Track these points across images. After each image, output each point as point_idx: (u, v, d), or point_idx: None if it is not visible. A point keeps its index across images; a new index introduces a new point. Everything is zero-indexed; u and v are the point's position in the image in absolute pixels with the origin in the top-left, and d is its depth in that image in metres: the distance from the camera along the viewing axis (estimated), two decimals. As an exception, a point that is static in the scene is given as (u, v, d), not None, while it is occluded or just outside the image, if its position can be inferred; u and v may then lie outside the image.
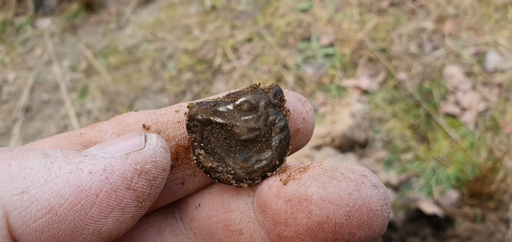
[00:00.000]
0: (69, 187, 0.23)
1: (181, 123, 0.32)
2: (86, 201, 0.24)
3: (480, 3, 2.44)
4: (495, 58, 2.17)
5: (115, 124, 0.32)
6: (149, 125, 0.32)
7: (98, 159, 0.25)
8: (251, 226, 0.31)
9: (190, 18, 2.54)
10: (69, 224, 0.23)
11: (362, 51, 2.25)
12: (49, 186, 0.23)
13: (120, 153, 0.26)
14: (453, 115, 1.98)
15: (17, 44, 2.50)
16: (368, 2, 2.51)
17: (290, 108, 0.32)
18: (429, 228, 1.73)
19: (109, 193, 0.25)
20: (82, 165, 0.24)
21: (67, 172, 0.24)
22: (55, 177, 0.23)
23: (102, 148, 0.27)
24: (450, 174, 1.81)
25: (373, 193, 0.27)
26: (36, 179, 0.23)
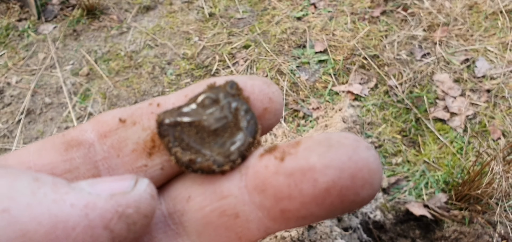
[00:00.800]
0: (49, 215, 0.24)
1: (154, 113, 0.34)
2: (61, 232, 0.24)
3: (470, 11, 2.50)
4: (484, 65, 2.23)
5: (94, 123, 0.33)
6: (125, 118, 0.33)
7: (83, 194, 0.25)
8: (246, 209, 0.31)
9: (190, 25, 2.61)
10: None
11: (354, 58, 2.32)
12: (30, 210, 0.23)
13: (107, 192, 0.26)
14: (442, 120, 2.04)
15: (20, 48, 2.57)
16: (361, 10, 2.58)
17: (256, 90, 0.34)
18: (418, 230, 1.77)
19: (85, 229, 0.25)
20: (66, 197, 0.24)
21: (50, 200, 0.24)
22: (38, 203, 0.23)
23: (92, 184, 0.27)
24: (439, 177, 1.86)
25: (369, 154, 0.28)
26: (19, 201, 0.23)
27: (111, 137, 0.33)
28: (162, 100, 0.34)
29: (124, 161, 0.34)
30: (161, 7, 2.76)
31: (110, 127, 0.33)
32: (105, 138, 0.33)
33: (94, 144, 0.33)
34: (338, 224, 1.70)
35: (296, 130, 2.04)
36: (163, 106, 0.34)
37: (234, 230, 0.32)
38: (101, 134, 0.33)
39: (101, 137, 0.33)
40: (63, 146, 0.32)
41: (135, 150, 0.33)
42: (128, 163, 0.34)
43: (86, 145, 0.33)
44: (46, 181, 0.25)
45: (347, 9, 2.59)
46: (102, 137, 0.33)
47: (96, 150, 0.33)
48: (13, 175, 0.24)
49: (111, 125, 0.33)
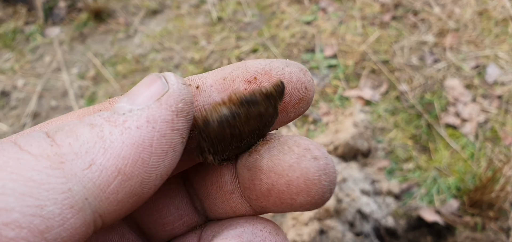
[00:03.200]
0: (126, 147, 0.26)
1: (195, 95, 0.35)
2: (144, 153, 0.26)
3: (480, 18, 2.50)
4: (495, 71, 2.22)
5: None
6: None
7: (137, 113, 0.27)
8: (240, 188, 0.35)
9: (197, 29, 2.60)
10: (136, 178, 0.26)
11: (365, 62, 2.31)
12: (109, 153, 0.25)
13: (151, 101, 0.28)
14: (453, 126, 2.02)
15: (26, 51, 2.56)
16: (371, 15, 2.57)
17: (294, 79, 0.35)
18: (430, 236, 1.75)
19: (160, 139, 0.27)
20: (127, 124, 0.27)
21: (118, 135, 0.26)
22: (111, 142, 0.26)
23: (132, 101, 0.28)
24: (450, 183, 1.84)
25: (311, 165, 0.30)
26: (96, 150, 0.25)
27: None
28: (200, 81, 0.35)
29: None
30: (169, 10, 2.75)
31: None
32: None
33: None
34: (350, 229, 1.68)
35: (306, 135, 2.02)
36: (202, 87, 0.35)
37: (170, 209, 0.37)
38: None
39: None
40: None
41: None
42: None
43: None
44: (100, 122, 0.27)
45: (357, 14, 2.58)
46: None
47: None
48: (73, 133, 0.26)
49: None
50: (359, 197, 1.73)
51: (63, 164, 0.24)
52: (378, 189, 1.84)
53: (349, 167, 1.85)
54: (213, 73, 0.35)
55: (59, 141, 0.25)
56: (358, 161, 1.92)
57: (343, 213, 1.69)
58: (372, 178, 1.87)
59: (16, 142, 0.25)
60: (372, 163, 1.92)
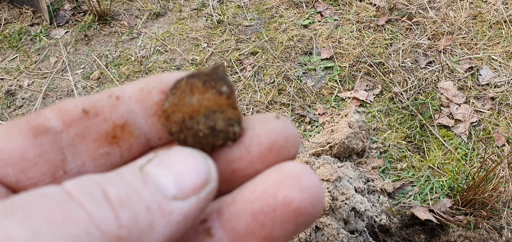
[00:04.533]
0: (162, 239, 0.27)
1: (115, 106, 0.36)
2: (163, 234, 0.27)
3: (474, 21, 2.54)
4: (488, 73, 2.26)
5: (56, 111, 0.35)
6: (88, 109, 0.36)
7: (181, 207, 0.28)
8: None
9: (198, 32, 2.67)
10: None
11: (360, 65, 2.36)
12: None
13: (192, 193, 0.29)
14: (447, 127, 2.06)
15: (32, 52, 2.62)
16: (367, 18, 2.63)
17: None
18: (423, 234, 1.79)
19: (180, 233, 0.28)
20: (172, 218, 0.27)
21: (162, 227, 0.27)
22: (156, 234, 0.26)
23: (179, 185, 0.28)
24: (444, 183, 1.88)
25: (293, 126, 0.36)
26: (145, 240, 0.26)
27: (75, 125, 0.36)
28: (120, 93, 0.37)
29: (87, 148, 0.37)
30: (171, 14, 2.82)
31: (74, 116, 0.36)
32: (70, 126, 0.36)
33: (60, 132, 0.36)
34: (344, 227, 1.73)
35: (303, 135, 2.07)
36: (121, 98, 0.36)
37: None
38: (65, 122, 0.36)
39: (66, 125, 0.36)
40: (31, 132, 0.34)
41: (98, 139, 0.37)
42: (92, 149, 0.37)
43: (53, 132, 0.35)
44: (154, 207, 0.27)
45: (353, 17, 2.64)
46: (67, 125, 0.36)
47: (62, 137, 0.36)
48: (133, 213, 0.26)
49: (74, 114, 0.36)
50: (354, 195, 1.78)
51: (117, 239, 0.24)
52: (372, 187, 1.88)
53: (344, 166, 1.90)
54: (132, 85, 0.37)
55: (125, 222, 0.25)
56: (353, 160, 1.97)
57: (338, 210, 1.73)
58: (367, 176, 1.92)
59: (80, 201, 0.25)
60: (367, 162, 1.96)
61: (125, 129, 0.37)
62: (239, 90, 2.29)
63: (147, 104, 0.37)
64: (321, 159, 1.89)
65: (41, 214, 0.24)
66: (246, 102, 2.21)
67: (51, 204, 0.24)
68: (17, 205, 0.24)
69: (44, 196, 0.25)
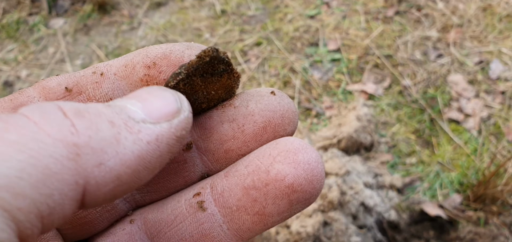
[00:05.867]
0: (133, 158, 0.26)
1: (99, 83, 0.35)
2: (142, 167, 0.27)
3: (484, 13, 2.49)
4: (498, 67, 2.22)
5: (39, 89, 0.35)
6: (71, 87, 0.35)
7: (151, 128, 0.28)
8: (192, 155, 0.37)
9: (201, 22, 2.61)
10: (127, 186, 0.27)
11: (368, 57, 2.31)
12: (119, 158, 0.25)
13: (164, 119, 0.29)
14: (456, 121, 2.02)
15: (30, 42, 2.56)
16: (375, 10, 2.57)
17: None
18: (432, 231, 1.76)
19: (158, 158, 0.28)
20: (141, 135, 0.27)
21: (131, 143, 0.26)
22: (123, 148, 0.26)
23: (148, 111, 0.28)
24: (453, 178, 1.84)
25: (289, 101, 0.36)
26: (109, 151, 0.25)
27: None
28: (105, 68, 0.36)
29: None
30: (173, 3, 2.75)
31: (56, 94, 0.35)
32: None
33: None
34: (353, 222, 1.69)
35: (309, 129, 2.02)
36: (106, 75, 0.35)
37: (181, 174, 0.37)
38: (48, 101, 0.34)
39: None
40: (14, 111, 0.33)
41: None
42: None
43: None
44: (119, 122, 0.26)
45: (361, 8, 2.58)
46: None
47: None
48: (95, 124, 0.25)
49: (57, 92, 0.35)
50: (363, 190, 1.74)
51: (78, 157, 0.24)
52: (381, 182, 1.84)
53: (352, 160, 1.86)
54: (117, 60, 0.36)
55: (80, 129, 0.25)
56: (361, 155, 1.92)
57: (347, 205, 1.70)
58: (375, 171, 1.88)
59: (27, 115, 0.24)
60: (375, 157, 1.92)
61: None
62: (243, 82, 2.23)
63: (132, 81, 0.35)
64: (329, 153, 1.84)
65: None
66: (251, 95, 2.16)
67: (2, 123, 0.23)
68: None
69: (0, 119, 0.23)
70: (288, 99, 0.36)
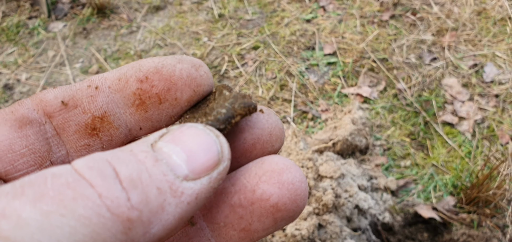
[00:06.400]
0: (174, 221, 0.27)
1: (94, 96, 0.36)
2: (179, 225, 0.27)
3: (479, 17, 2.52)
4: (492, 71, 2.24)
5: (37, 101, 0.36)
6: (67, 101, 0.36)
7: (192, 188, 0.27)
8: None
9: (199, 26, 2.63)
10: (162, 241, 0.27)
11: (363, 60, 2.33)
12: (162, 225, 0.26)
13: (204, 174, 0.28)
14: (451, 124, 2.04)
15: (30, 46, 2.58)
16: (370, 14, 2.59)
17: (184, 76, 0.37)
18: (426, 233, 1.78)
19: (192, 213, 0.28)
20: (183, 198, 0.27)
21: (173, 207, 0.26)
22: (166, 215, 0.26)
23: (191, 166, 0.28)
24: (447, 181, 1.86)
25: (277, 119, 0.37)
26: (155, 220, 0.26)
27: (55, 117, 0.36)
28: (99, 82, 0.36)
29: (69, 139, 0.37)
30: (171, 7, 2.78)
31: (53, 108, 0.36)
32: (51, 118, 0.36)
33: (43, 123, 0.36)
34: (347, 225, 1.71)
35: (305, 132, 2.04)
36: (101, 88, 0.36)
37: None
38: (46, 114, 0.36)
39: (48, 117, 0.36)
40: (16, 123, 0.34)
41: (78, 131, 0.36)
42: (73, 141, 0.37)
43: (37, 123, 0.35)
44: (165, 187, 0.26)
45: (356, 12, 2.61)
46: (48, 116, 0.36)
47: (46, 128, 0.36)
48: (144, 194, 0.26)
49: (54, 106, 0.36)
50: (357, 193, 1.76)
51: (130, 230, 0.24)
52: (376, 185, 1.86)
53: (347, 163, 1.88)
54: (111, 73, 0.37)
55: (134, 203, 0.25)
56: (356, 158, 1.95)
57: (341, 208, 1.72)
58: (370, 174, 1.90)
59: (90, 181, 0.24)
60: (370, 160, 1.94)
61: (104, 120, 0.36)
62: (240, 85, 2.26)
63: (125, 94, 0.36)
64: (324, 156, 1.86)
65: (51, 194, 0.23)
66: (247, 98, 2.18)
67: (61, 183, 0.23)
68: (26, 185, 0.23)
69: (53, 176, 0.24)
70: (276, 117, 0.37)
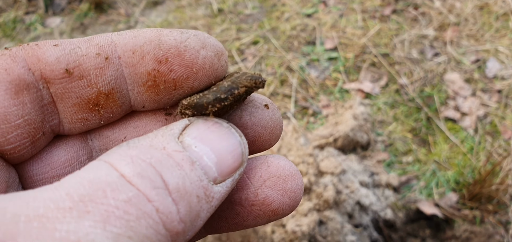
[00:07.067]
0: (202, 224, 0.28)
1: (103, 68, 0.33)
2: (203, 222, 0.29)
3: (481, 12, 2.49)
4: (495, 66, 2.22)
5: (34, 60, 0.32)
6: (72, 68, 0.32)
7: (220, 191, 0.29)
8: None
9: (198, 21, 2.60)
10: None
11: (365, 56, 2.31)
12: (196, 228, 0.28)
13: (229, 176, 0.30)
14: (453, 120, 2.02)
15: (26, 41, 2.55)
16: (372, 8, 2.57)
17: (207, 65, 0.35)
18: (428, 229, 1.76)
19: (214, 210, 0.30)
20: (213, 203, 0.29)
21: (205, 212, 0.28)
22: (200, 221, 0.28)
23: (219, 168, 0.29)
24: (450, 177, 1.84)
25: (280, 116, 0.36)
26: (192, 228, 0.28)
27: (55, 84, 0.32)
28: (110, 50, 0.33)
29: (65, 110, 0.34)
30: (169, 2, 2.75)
31: (54, 73, 0.32)
32: (50, 84, 0.32)
33: (40, 89, 0.32)
34: (349, 221, 1.69)
35: (306, 127, 2.02)
36: (110, 59, 0.33)
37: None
38: (46, 79, 0.32)
39: (46, 82, 0.32)
40: (11, 87, 0.31)
41: (78, 104, 0.33)
42: (69, 113, 0.34)
43: (34, 88, 0.32)
44: (202, 194, 0.28)
45: (358, 7, 2.58)
46: (47, 82, 0.32)
47: (42, 94, 0.33)
48: (188, 203, 0.27)
49: (55, 71, 0.32)
50: (358, 189, 1.74)
51: (175, 235, 0.26)
52: (377, 181, 1.84)
53: (348, 159, 1.86)
54: (124, 38, 0.33)
55: (182, 216, 0.26)
56: (358, 154, 1.93)
57: (342, 204, 1.70)
58: (371, 170, 1.88)
59: (148, 196, 0.25)
60: (371, 156, 1.92)
61: (109, 97, 0.34)
62: (241, 81, 2.23)
63: (138, 71, 0.33)
64: (325, 152, 1.84)
65: (117, 214, 0.23)
66: (247, 94, 2.16)
67: (123, 200, 0.24)
68: (86, 200, 0.23)
69: (111, 189, 0.24)
70: (279, 114, 0.37)
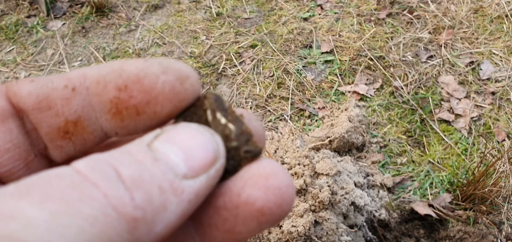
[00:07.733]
0: (176, 219, 0.27)
1: (69, 99, 0.34)
2: (180, 223, 0.28)
3: (475, 15, 2.53)
4: (489, 68, 2.25)
5: (11, 94, 0.33)
6: (41, 100, 0.34)
7: (192, 186, 0.28)
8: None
9: (197, 25, 2.64)
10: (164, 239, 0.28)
11: (360, 58, 2.34)
12: (165, 224, 0.27)
13: (202, 171, 0.29)
14: (447, 122, 2.05)
15: (28, 44, 2.59)
16: (367, 12, 2.60)
17: (166, 90, 0.34)
18: (422, 229, 1.79)
19: (192, 211, 0.29)
20: (184, 196, 0.27)
21: (175, 205, 0.27)
22: (169, 213, 0.27)
23: (189, 164, 0.28)
24: (443, 178, 1.87)
25: (259, 124, 0.35)
26: (158, 220, 0.26)
27: (31, 115, 0.34)
28: (78, 81, 0.34)
29: (44, 137, 0.35)
30: (169, 6, 2.79)
31: (26, 105, 0.34)
32: (26, 114, 0.34)
33: (23, 118, 0.34)
34: (344, 221, 1.72)
35: (302, 129, 2.05)
36: (78, 90, 0.34)
37: None
38: (22, 110, 0.34)
39: (23, 112, 0.34)
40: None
41: (50, 132, 0.35)
42: (48, 140, 0.35)
43: (17, 117, 0.34)
44: (166, 187, 0.27)
45: (354, 10, 2.62)
46: (24, 113, 0.34)
47: (25, 122, 0.34)
48: (148, 194, 0.26)
49: (27, 103, 0.34)
50: (353, 190, 1.77)
51: (135, 230, 0.25)
52: (372, 182, 1.87)
53: (343, 161, 1.89)
54: (93, 71, 0.34)
55: (139, 203, 0.25)
56: (353, 155, 1.96)
57: (338, 205, 1.73)
58: (366, 171, 1.91)
59: (96, 183, 0.25)
60: (366, 157, 1.95)
61: (78, 125, 0.35)
62: (238, 83, 2.27)
63: (102, 100, 0.34)
64: (321, 153, 1.87)
65: (57, 195, 0.23)
66: (245, 96, 2.20)
67: (66, 184, 0.24)
68: (30, 186, 0.24)
69: (57, 177, 0.24)
70: (258, 122, 0.36)
